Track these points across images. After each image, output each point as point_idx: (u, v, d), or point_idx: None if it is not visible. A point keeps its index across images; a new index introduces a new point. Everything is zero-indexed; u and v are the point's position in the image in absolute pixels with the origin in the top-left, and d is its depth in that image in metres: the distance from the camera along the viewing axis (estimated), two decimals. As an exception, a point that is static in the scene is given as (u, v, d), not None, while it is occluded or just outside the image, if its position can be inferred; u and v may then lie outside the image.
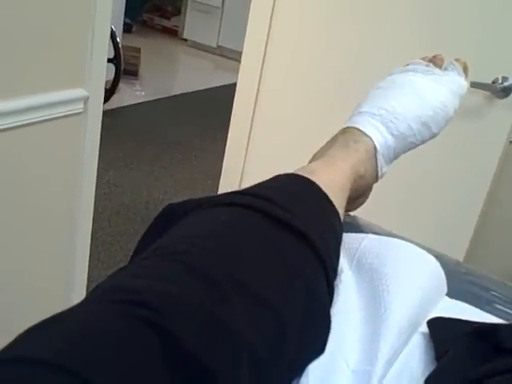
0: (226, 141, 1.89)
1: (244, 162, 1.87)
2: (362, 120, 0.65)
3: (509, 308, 0.61)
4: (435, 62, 0.70)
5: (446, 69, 0.70)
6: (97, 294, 0.35)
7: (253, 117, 1.81)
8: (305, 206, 0.50)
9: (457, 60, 0.70)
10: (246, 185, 0.48)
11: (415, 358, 0.47)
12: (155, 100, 4.52)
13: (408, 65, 0.71)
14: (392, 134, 0.64)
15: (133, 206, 2.95)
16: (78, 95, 1.37)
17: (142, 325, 0.32)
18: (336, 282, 0.50)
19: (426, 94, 0.66)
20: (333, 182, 0.56)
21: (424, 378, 0.43)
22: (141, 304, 0.33)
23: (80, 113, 1.39)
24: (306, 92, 1.74)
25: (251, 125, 1.82)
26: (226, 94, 2.80)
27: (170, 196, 3.12)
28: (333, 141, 0.65)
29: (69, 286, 1.59)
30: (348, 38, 1.64)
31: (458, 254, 1.53)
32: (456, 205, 1.58)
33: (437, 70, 0.69)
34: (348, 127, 0.66)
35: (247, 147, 1.85)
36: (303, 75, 1.73)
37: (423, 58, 0.71)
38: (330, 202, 0.52)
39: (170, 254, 0.39)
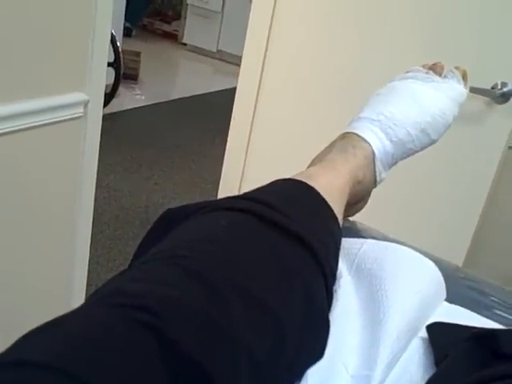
0: (225, 145, 1.89)
1: (244, 166, 1.86)
2: (361, 126, 0.65)
3: (508, 313, 0.61)
4: (435, 69, 0.71)
5: (445, 76, 0.71)
6: (97, 297, 0.35)
7: (252, 121, 1.82)
8: (303, 210, 0.50)
9: (456, 68, 0.71)
10: (245, 189, 0.48)
11: (414, 363, 0.47)
12: (155, 104, 4.52)
13: (408, 72, 0.71)
14: (391, 140, 0.65)
15: (132, 209, 2.95)
16: (78, 99, 1.37)
17: (141, 328, 0.32)
18: (335, 287, 0.50)
19: (425, 101, 0.67)
20: (331, 187, 0.57)
21: (423, 383, 0.44)
22: (141, 308, 0.33)
23: (80, 117, 1.39)
24: (305, 96, 1.74)
25: (251, 129, 1.82)
26: (226, 98, 2.80)
27: (169, 200, 3.12)
28: (331, 146, 0.66)
29: (68, 289, 1.59)
30: (348, 43, 1.64)
31: (459, 258, 1.53)
32: (456, 209, 1.58)
33: (436, 78, 0.69)
34: (347, 132, 0.66)
35: (247, 151, 1.85)
36: (303, 80, 1.73)
37: (423, 66, 0.72)
38: (329, 206, 0.53)
39: (170, 258, 0.40)
